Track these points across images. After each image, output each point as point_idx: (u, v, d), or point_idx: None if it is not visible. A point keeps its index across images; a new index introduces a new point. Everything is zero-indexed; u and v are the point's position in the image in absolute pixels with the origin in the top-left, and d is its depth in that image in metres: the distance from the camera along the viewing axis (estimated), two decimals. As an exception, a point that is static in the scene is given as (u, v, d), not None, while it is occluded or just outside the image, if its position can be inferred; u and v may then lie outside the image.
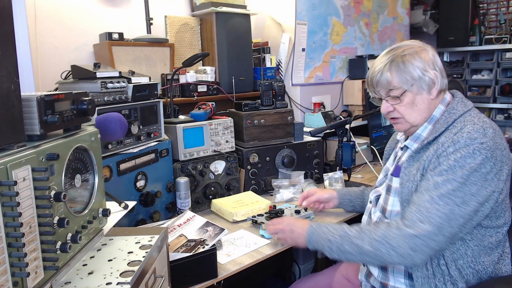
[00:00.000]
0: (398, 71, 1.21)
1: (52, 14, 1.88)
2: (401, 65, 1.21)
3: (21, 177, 0.70)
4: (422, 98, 1.24)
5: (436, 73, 1.22)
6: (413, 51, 1.23)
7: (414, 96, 1.23)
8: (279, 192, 1.98)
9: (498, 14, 3.78)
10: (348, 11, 2.84)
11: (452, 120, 1.21)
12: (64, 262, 0.85)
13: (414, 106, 1.24)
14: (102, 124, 1.31)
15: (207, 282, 1.28)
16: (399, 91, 1.23)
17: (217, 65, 2.31)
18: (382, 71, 1.23)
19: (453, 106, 1.25)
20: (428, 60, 1.22)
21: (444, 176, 1.12)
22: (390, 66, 1.22)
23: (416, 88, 1.22)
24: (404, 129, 1.30)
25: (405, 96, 1.23)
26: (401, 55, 1.22)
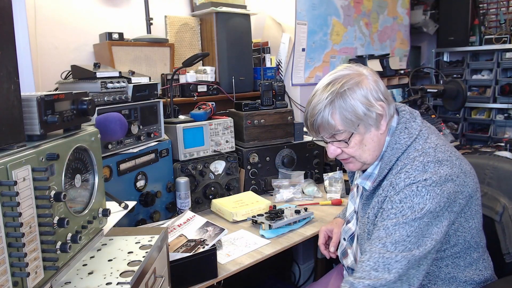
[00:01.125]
0: (340, 113, 1.08)
1: (52, 14, 1.88)
2: (342, 105, 1.07)
3: (21, 177, 0.70)
4: (371, 136, 1.12)
5: (382, 104, 1.10)
6: (353, 83, 1.09)
7: (362, 136, 1.11)
8: (279, 192, 1.98)
9: (498, 14, 3.78)
10: (348, 11, 2.84)
11: (395, 158, 1.11)
12: (64, 262, 0.85)
13: (363, 146, 1.12)
14: (102, 124, 1.31)
15: (207, 282, 1.28)
16: (345, 134, 1.10)
17: (217, 65, 2.31)
18: (322, 114, 1.09)
19: (396, 140, 1.13)
20: (370, 90, 1.09)
21: (394, 220, 1.02)
22: (331, 108, 1.08)
23: (363, 128, 1.10)
24: (357, 168, 1.19)
25: (353, 138, 1.11)
26: (340, 91, 1.08)
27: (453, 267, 1.14)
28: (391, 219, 1.03)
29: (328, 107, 1.09)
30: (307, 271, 2.76)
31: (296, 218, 1.65)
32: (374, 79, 1.12)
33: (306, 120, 1.16)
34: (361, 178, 1.21)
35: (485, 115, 3.77)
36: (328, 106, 1.09)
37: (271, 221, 1.59)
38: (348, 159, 1.17)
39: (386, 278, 0.98)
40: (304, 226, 1.68)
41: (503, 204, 1.35)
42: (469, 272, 1.16)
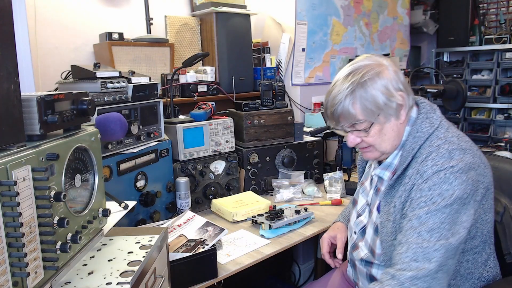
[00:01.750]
0: (361, 102, 1.08)
1: (52, 14, 1.88)
2: (363, 94, 1.08)
3: (21, 177, 0.70)
4: (391, 126, 1.12)
5: (402, 94, 1.11)
6: (374, 73, 1.09)
7: (382, 126, 1.12)
8: (279, 192, 1.98)
9: (498, 14, 3.78)
10: (348, 11, 2.84)
11: (418, 146, 1.11)
12: (64, 262, 0.85)
13: (383, 136, 1.13)
14: (102, 124, 1.31)
15: (207, 282, 1.28)
16: (365, 124, 1.11)
17: (217, 65, 2.31)
18: (343, 103, 1.10)
19: (417, 128, 1.14)
20: (391, 80, 1.10)
21: (425, 208, 1.02)
22: (351, 98, 1.09)
23: (383, 117, 1.10)
24: (375, 157, 1.19)
25: (373, 128, 1.11)
26: (361, 81, 1.09)
27: (472, 263, 1.15)
28: (422, 207, 1.03)
29: (349, 97, 1.09)
30: (307, 271, 2.76)
31: (296, 218, 1.65)
32: (394, 70, 1.13)
33: (326, 109, 1.17)
34: (380, 168, 1.21)
35: (485, 115, 3.77)
36: (349, 96, 1.09)
37: (271, 221, 1.59)
38: (367, 148, 1.18)
39: (427, 268, 0.97)
40: (304, 226, 1.68)
41: (504, 204, 1.35)
42: (483, 269, 1.17)
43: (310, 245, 2.69)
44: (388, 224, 1.13)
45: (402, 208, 1.10)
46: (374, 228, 1.21)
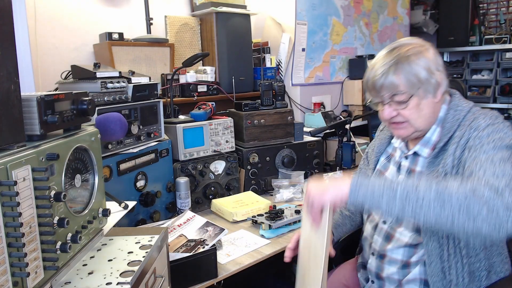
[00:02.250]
0: (404, 74, 1.13)
1: (52, 14, 1.88)
2: (407, 67, 1.13)
3: (21, 177, 0.70)
4: (428, 102, 1.16)
5: (441, 75, 1.16)
6: (417, 51, 1.15)
7: (420, 101, 1.16)
8: (279, 192, 1.98)
9: (498, 14, 3.78)
10: (348, 11, 2.84)
11: (462, 116, 1.16)
12: (64, 262, 0.85)
13: (420, 111, 1.17)
14: (102, 124, 1.31)
15: (207, 282, 1.28)
16: (405, 95, 1.14)
17: (217, 65, 2.31)
18: (386, 74, 1.14)
19: (457, 103, 1.20)
20: (432, 60, 1.15)
21: (491, 145, 1.02)
22: (395, 69, 1.13)
23: (422, 92, 1.15)
24: (407, 134, 1.21)
25: (411, 101, 1.15)
26: (405, 55, 1.14)
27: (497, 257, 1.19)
28: (487, 145, 1.04)
29: (393, 68, 1.14)
30: (307, 271, 2.76)
31: (296, 218, 1.65)
32: (434, 52, 1.18)
33: (368, 81, 1.20)
34: (420, 144, 1.22)
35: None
36: (393, 67, 1.14)
37: (271, 221, 1.59)
38: (401, 124, 1.20)
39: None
40: (304, 226, 1.68)
41: None
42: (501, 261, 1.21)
43: (310, 245, 2.68)
44: None
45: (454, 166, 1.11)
46: None
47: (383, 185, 0.95)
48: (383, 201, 0.94)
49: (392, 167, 1.34)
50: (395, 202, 0.92)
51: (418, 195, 0.91)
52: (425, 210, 0.90)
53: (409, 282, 1.23)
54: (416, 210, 0.91)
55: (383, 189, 0.95)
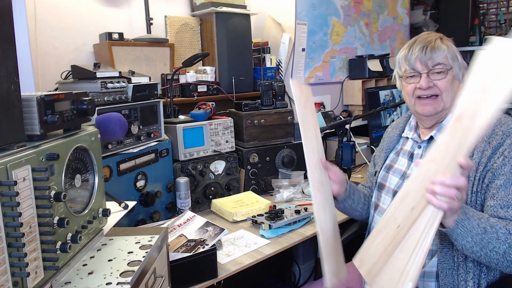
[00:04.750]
0: (448, 47, 1.24)
1: (52, 14, 1.88)
2: (449, 43, 1.25)
3: (21, 177, 0.70)
4: (457, 84, 1.26)
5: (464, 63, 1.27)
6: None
7: (453, 77, 1.25)
8: (279, 192, 1.98)
9: (498, 14, 3.78)
10: (348, 11, 2.84)
11: None
12: (64, 262, 0.85)
13: (452, 87, 1.25)
14: (102, 124, 1.31)
15: (207, 282, 1.28)
16: (446, 66, 1.24)
17: (217, 65, 2.31)
18: (435, 42, 1.24)
19: None
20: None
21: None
22: (442, 41, 1.25)
23: (457, 69, 1.25)
24: (436, 110, 1.26)
25: (448, 74, 1.24)
26: (443, 37, 1.27)
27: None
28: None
29: (439, 40, 1.26)
30: (307, 271, 2.76)
31: (296, 218, 1.65)
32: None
33: (411, 51, 1.26)
34: (436, 131, 1.29)
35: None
36: (439, 39, 1.26)
37: (271, 221, 1.59)
38: (431, 98, 1.25)
39: None
40: (304, 226, 1.68)
41: None
42: None
43: (310, 245, 2.68)
44: None
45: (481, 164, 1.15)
46: None
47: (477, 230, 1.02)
48: (469, 244, 1.03)
49: (401, 159, 1.40)
50: (477, 248, 1.04)
51: (494, 246, 1.03)
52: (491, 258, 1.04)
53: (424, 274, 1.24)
54: (484, 257, 1.05)
55: (475, 235, 1.02)
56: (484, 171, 1.16)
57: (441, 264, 1.19)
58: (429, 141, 1.31)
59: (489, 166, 1.15)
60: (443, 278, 1.18)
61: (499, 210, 1.10)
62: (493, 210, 1.11)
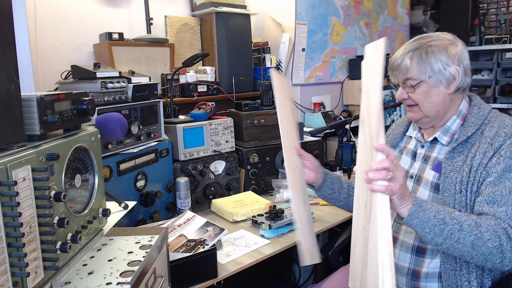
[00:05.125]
0: (418, 61, 1.21)
1: (52, 14, 1.88)
2: (423, 56, 1.21)
3: (21, 177, 0.70)
4: (438, 92, 1.23)
5: (458, 69, 1.21)
6: (441, 44, 1.22)
7: (430, 88, 1.23)
8: (279, 192, 1.98)
9: (498, 14, 3.78)
10: (348, 11, 2.84)
11: (486, 113, 1.24)
12: (64, 262, 0.85)
13: (428, 97, 1.24)
14: (102, 124, 1.31)
15: (207, 282, 1.28)
16: (415, 81, 1.23)
17: (217, 65, 2.31)
18: (403, 57, 1.24)
19: (479, 102, 1.28)
20: (453, 55, 1.21)
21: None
22: (412, 54, 1.22)
23: (433, 81, 1.22)
24: (416, 118, 1.29)
25: (420, 87, 1.23)
26: (427, 45, 1.22)
27: None
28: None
29: (410, 54, 1.23)
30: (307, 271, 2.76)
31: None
32: (461, 49, 1.24)
33: (390, 60, 1.29)
34: (440, 132, 1.29)
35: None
36: (410, 52, 1.23)
37: (271, 221, 1.59)
38: (412, 107, 1.28)
39: None
40: (304, 226, 1.68)
41: None
42: None
43: (310, 245, 2.68)
44: (452, 174, 1.20)
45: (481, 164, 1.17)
46: (433, 187, 1.26)
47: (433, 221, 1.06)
48: (429, 235, 1.07)
49: (404, 157, 1.41)
50: (438, 239, 1.07)
51: (459, 237, 1.06)
52: (459, 249, 1.07)
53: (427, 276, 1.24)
54: (451, 248, 1.07)
55: (432, 226, 1.07)
56: (484, 171, 1.17)
57: (444, 265, 1.19)
58: (432, 142, 1.31)
59: (487, 166, 1.17)
60: (447, 279, 1.18)
61: (485, 205, 1.12)
62: (479, 205, 1.13)
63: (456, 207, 1.17)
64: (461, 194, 1.17)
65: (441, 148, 1.29)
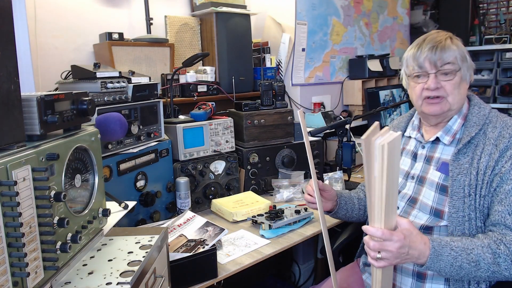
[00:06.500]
0: (458, 47, 1.22)
1: (52, 14, 1.88)
2: (458, 43, 1.23)
3: (21, 177, 0.70)
4: (464, 84, 1.24)
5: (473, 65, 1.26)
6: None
7: (461, 80, 1.23)
8: (279, 192, 1.98)
9: (498, 14, 3.78)
10: (348, 11, 2.84)
11: (487, 112, 1.24)
12: (64, 262, 0.85)
13: (459, 89, 1.23)
14: (102, 124, 1.31)
15: (207, 282, 1.28)
16: (455, 67, 1.22)
17: (217, 65, 2.31)
18: (445, 42, 1.22)
19: (479, 102, 1.29)
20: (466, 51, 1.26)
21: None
22: (451, 41, 1.22)
23: (464, 70, 1.23)
24: (442, 111, 1.25)
25: (456, 75, 1.22)
26: (452, 36, 1.24)
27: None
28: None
29: (450, 39, 1.24)
30: (307, 271, 2.76)
31: (296, 218, 1.66)
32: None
33: (420, 50, 1.24)
34: (442, 131, 1.29)
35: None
36: (450, 39, 1.24)
37: (271, 221, 1.59)
38: (438, 99, 1.25)
39: None
40: (304, 226, 1.68)
41: None
42: None
43: (310, 245, 2.69)
44: (460, 177, 1.19)
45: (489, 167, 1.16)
46: (439, 188, 1.24)
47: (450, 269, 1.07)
48: (446, 275, 1.10)
49: (404, 158, 1.40)
50: (455, 277, 1.11)
51: (475, 275, 1.08)
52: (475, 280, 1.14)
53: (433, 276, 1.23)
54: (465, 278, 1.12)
55: (449, 272, 1.08)
56: (492, 174, 1.15)
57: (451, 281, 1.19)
58: (434, 142, 1.30)
59: (497, 169, 1.15)
60: (454, 283, 1.18)
61: (507, 216, 1.10)
62: (500, 215, 1.11)
63: (466, 211, 1.16)
64: (470, 197, 1.16)
65: (444, 148, 1.28)
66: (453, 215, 1.18)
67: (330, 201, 1.48)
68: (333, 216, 1.53)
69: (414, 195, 1.31)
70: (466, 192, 1.17)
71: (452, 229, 1.18)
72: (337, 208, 1.49)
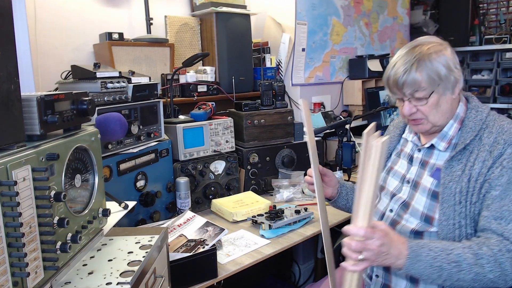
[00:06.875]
0: (426, 71, 1.17)
1: (52, 14, 1.88)
2: (428, 64, 1.17)
3: (21, 177, 0.70)
4: (446, 99, 1.20)
5: (458, 72, 1.20)
6: (437, 49, 1.19)
7: (439, 97, 1.19)
8: (279, 192, 1.98)
9: (498, 14, 3.78)
10: (348, 11, 2.84)
11: (484, 116, 1.22)
12: (64, 262, 0.85)
13: (438, 107, 1.20)
14: (102, 124, 1.31)
15: (207, 282, 1.28)
16: (426, 92, 1.18)
17: (217, 65, 2.31)
18: (409, 71, 1.18)
19: (477, 105, 1.26)
20: (451, 58, 1.19)
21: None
22: (418, 66, 1.17)
23: (442, 89, 1.19)
24: (426, 130, 1.25)
25: (431, 97, 1.19)
26: (427, 53, 1.18)
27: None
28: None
29: (416, 65, 1.17)
30: (307, 271, 2.76)
31: (296, 218, 1.66)
32: (451, 50, 1.23)
33: (389, 78, 1.23)
34: (437, 138, 1.27)
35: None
36: (415, 64, 1.18)
37: (271, 221, 1.59)
38: (420, 120, 1.24)
39: None
40: (304, 226, 1.68)
41: None
42: None
43: (310, 245, 2.69)
44: (452, 185, 1.18)
45: (481, 174, 1.15)
46: (430, 194, 1.24)
47: (429, 270, 1.07)
48: (428, 280, 1.09)
49: (402, 161, 1.39)
50: (438, 281, 1.09)
51: (458, 277, 1.06)
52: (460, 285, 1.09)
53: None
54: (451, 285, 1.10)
55: (430, 274, 1.07)
56: (483, 181, 1.15)
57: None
58: (430, 147, 1.29)
59: (487, 176, 1.14)
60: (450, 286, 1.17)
61: (492, 221, 1.10)
62: (486, 221, 1.11)
63: (456, 218, 1.15)
64: (461, 205, 1.15)
65: (439, 154, 1.26)
66: (443, 222, 1.17)
67: (331, 188, 1.46)
68: (332, 204, 1.51)
69: (408, 199, 1.30)
70: (457, 200, 1.16)
71: (443, 236, 1.17)
72: (337, 196, 1.48)
